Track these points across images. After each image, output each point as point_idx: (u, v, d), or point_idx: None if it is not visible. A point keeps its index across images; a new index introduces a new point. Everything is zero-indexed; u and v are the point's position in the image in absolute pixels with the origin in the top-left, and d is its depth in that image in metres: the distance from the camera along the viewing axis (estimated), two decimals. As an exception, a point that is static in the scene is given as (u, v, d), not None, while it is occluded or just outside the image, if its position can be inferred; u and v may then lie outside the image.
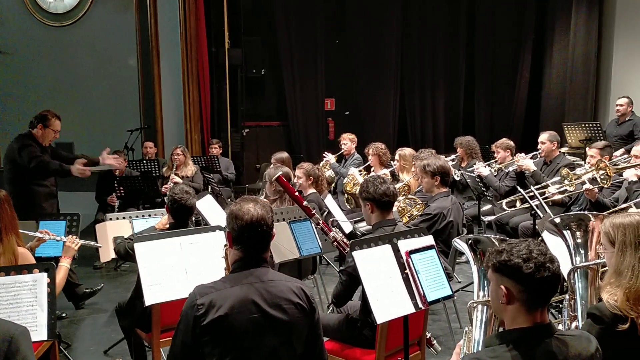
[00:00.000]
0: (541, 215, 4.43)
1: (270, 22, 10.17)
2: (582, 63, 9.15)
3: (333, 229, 3.34)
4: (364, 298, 2.76)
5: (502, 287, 1.82)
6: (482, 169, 6.23)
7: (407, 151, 5.95)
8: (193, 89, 9.12)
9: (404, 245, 2.86)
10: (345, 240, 3.35)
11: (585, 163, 5.57)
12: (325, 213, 5.22)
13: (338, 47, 10.79)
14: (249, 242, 2.15)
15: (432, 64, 10.69)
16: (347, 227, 4.77)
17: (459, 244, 2.66)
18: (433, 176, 4.12)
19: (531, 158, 6.15)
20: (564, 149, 7.24)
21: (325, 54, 10.47)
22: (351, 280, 2.98)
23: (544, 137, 6.02)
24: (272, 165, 5.22)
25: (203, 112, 9.33)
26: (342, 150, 7.24)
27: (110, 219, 4.37)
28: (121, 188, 6.44)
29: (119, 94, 9.16)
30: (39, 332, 2.59)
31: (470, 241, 2.60)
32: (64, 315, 4.85)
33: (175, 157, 7.00)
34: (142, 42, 9.02)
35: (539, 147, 6.07)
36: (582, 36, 9.07)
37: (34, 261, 3.39)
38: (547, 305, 1.85)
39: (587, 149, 5.98)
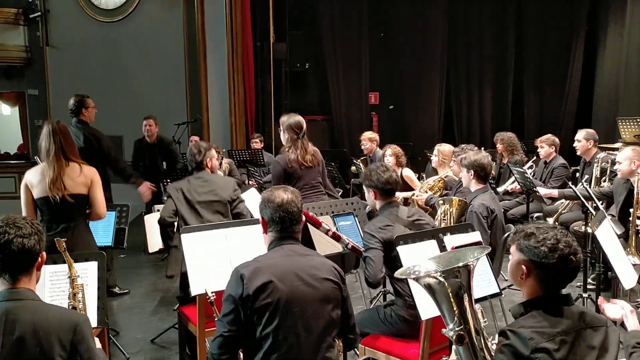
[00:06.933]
0: (594, 214, 4.28)
1: (314, 16, 10.16)
2: (637, 54, 8.75)
3: (343, 235, 3.33)
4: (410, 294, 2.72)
5: (523, 266, 1.91)
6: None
7: (446, 147, 5.87)
8: (238, 83, 9.21)
9: (450, 241, 2.82)
10: (357, 245, 3.34)
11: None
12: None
13: (382, 41, 10.68)
14: (281, 221, 2.31)
15: (479, 57, 10.45)
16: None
17: None
18: (468, 170, 4.08)
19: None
20: (618, 144, 6.99)
21: (369, 48, 10.39)
22: (375, 252, 3.04)
23: (580, 135, 5.86)
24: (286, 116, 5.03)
25: (248, 106, 9.41)
26: (364, 151, 7.12)
27: (158, 210, 4.44)
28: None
29: (166, 88, 9.34)
30: (89, 319, 2.65)
31: None
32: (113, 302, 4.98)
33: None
34: (189, 37, 9.17)
35: (575, 144, 5.88)
36: (638, 25, 8.67)
37: (98, 178, 3.56)
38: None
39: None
